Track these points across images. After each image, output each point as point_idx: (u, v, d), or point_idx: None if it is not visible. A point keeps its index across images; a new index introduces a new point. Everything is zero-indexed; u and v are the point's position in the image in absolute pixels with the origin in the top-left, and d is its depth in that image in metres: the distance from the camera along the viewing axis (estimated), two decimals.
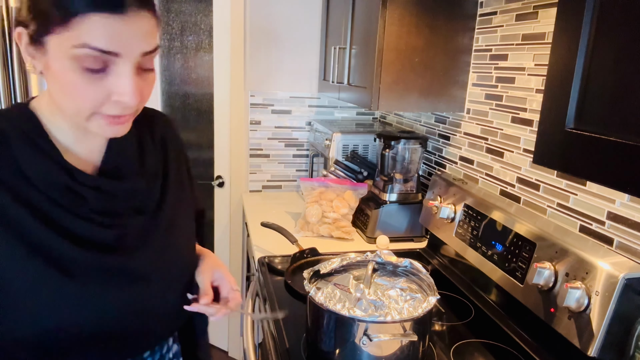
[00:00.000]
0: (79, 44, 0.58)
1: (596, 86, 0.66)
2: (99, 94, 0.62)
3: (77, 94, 0.61)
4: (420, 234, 1.74)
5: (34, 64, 0.64)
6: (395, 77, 1.49)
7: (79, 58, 0.59)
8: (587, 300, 0.93)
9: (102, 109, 0.63)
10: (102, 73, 0.61)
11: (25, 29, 0.63)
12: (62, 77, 0.61)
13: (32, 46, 0.63)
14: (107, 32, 0.58)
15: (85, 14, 0.57)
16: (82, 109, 0.63)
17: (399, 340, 0.92)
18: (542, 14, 1.23)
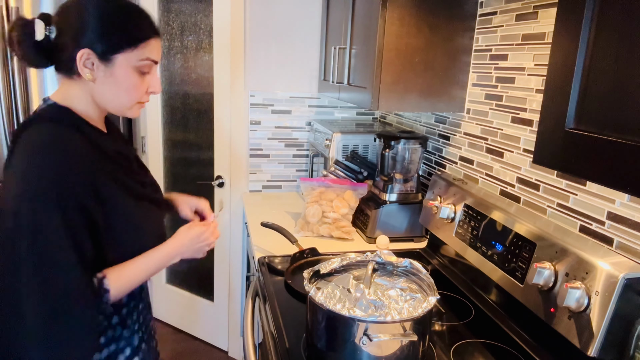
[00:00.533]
0: (144, 58, 0.92)
1: (596, 86, 0.66)
2: (143, 88, 0.96)
3: (134, 90, 0.94)
4: (420, 234, 1.74)
5: (92, 74, 0.89)
6: (395, 77, 1.49)
7: (141, 67, 0.93)
8: (587, 300, 0.93)
9: (142, 99, 0.97)
10: (147, 75, 0.95)
11: (91, 49, 0.87)
12: (125, 80, 0.92)
13: (99, 62, 0.89)
14: (157, 49, 0.95)
15: (150, 40, 0.93)
16: (132, 100, 0.95)
17: (399, 340, 0.92)
18: (542, 14, 1.23)
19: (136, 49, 0.90)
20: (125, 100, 0.94)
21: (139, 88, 0.94)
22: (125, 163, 0.99)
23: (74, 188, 0.83)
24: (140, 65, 0.92)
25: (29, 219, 0.79)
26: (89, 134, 0.91)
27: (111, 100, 0.94)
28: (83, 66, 0.88)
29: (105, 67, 0.89)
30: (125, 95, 0.93)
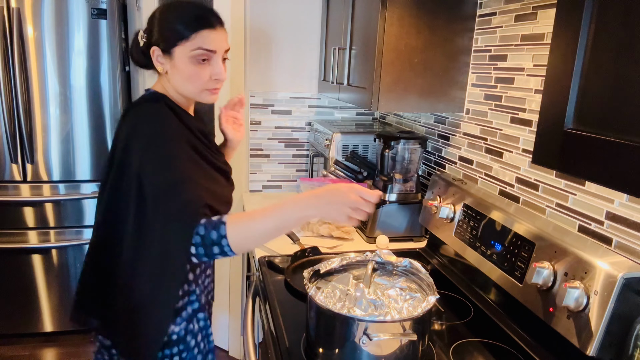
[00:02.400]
0: (196, 47, 1.02)
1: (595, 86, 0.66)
2: (205, 76, 1.06)
3: (195, 78, 1.05)
4: (420, 234, 1.74)
5: (163, 67, 1.06)
6: (395, 77, 1.49)
7: (196, 56, 1.03)
8: (586, 300, 0.93)
9: (207, 86, 1.08)
10: (206, 63, 1.05)
11: (157, 46, 1.05)
12: (185, 70, 1.04)
13: (163, 56, 1.05)
14: (209, 39, 1.04)
15: (199, 31, 1.02)
16: (197, 87, 1.07)
17: (399, 339, 0.92)
18: (541, 15, 1.23)
19: (188, 40, 1.02)
20: (191, 88, 1.07)
21: (199, 76, 1.05)
22: (206, 140, 1.14)
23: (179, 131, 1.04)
24: (195, 54, 1.03)
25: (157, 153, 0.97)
26: (179, 113, 1.08)
27: (181, 89, 1.08)
28: (156, 61, 1.06)
29: (169, 60, 1.05)
30: (189, 83, 1.06)
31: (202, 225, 0.92)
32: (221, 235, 0.91)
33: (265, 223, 0.94)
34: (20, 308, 2.49)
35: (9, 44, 2.17)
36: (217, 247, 0.92)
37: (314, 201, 0.95)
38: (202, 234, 0.91)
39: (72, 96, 2.30)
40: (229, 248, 0.92)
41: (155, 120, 1.02)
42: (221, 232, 0.91)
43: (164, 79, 1.10)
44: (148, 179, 0.96)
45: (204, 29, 1.03)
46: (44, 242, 2.43)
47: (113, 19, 2.27)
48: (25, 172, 2.34)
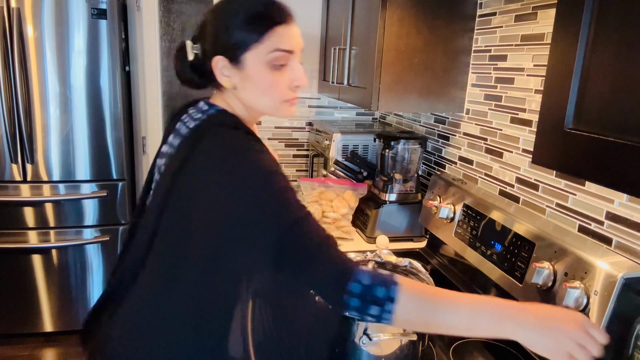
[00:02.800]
0: (272, 49, 0.84)
1: (595, 87, 0.66)
2: (284, 83, 0.87)
3: (273, 87, 0.86)
4: (420, 234, 1.74)
5: (230, 81, 0.87)
6: (395, 77, 1.49)
7: (272, 60, 0.84)
8: (586, 300, 0.93)
9: (287, 95, 0.88)
10: (284, 68, 0.86)
11: (223, 56, 0.85)
12: (260, 79, 0.86)
13: (231, 66, 0.86)
14: (286, 36, 0.85)
15: (273, 28, 0.83)
16: (276, 99, 0.88)
17: (399, 339, 0.92)
18: (541, 15, 1.23)
19: (261, 43, 0.83)
20: (268, 101, 0.89)
21: (277, 85, 0.87)
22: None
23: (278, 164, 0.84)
24: (271, 58, 0.84)
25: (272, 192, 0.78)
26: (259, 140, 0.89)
27: (256, 104, 0.90)
28: (221, 75, 0.87)
29: (239, 70, 0.86)
30: (266, 95, 0.88)
31: (365, 274, 0.73)
32: (390, 297, 0.72)
33: (453, 312, 0.73)
34: (20, 308, 2.49)
35: (9, 44, 2.17)
36: (377, 308, 0.72)
37: (531, 320, 0.71)
38: (366, 284, 0.73)
39: (72, 96, 2.30)
40: (390, 315, 0.72)
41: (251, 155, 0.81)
42: (391, 294, 0.72)
43: (229, 94, 0.91)
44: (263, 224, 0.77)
45: (277, 26, 0.84)
46: (44, 242, 2.43)
47: (113, 19, 2.27)
48: (25, 172, 2.34)
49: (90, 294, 2.56)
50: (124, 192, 2.49)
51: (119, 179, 2.47)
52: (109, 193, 2.45)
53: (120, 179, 2.47)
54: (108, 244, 2.52)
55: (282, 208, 0.77)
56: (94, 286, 2.56)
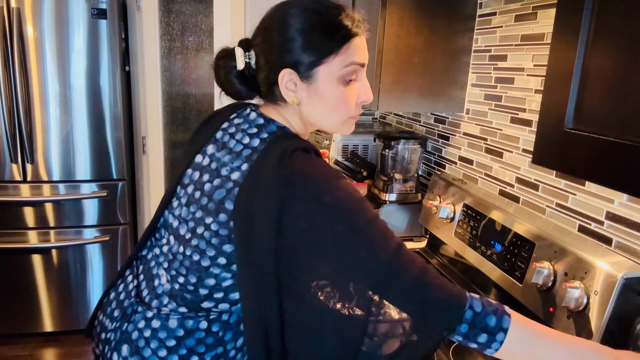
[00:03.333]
0: (348, 63, 0.78)
1: (595, 86, 0.66)
2: (352, 99, 0.82)
3: (343, 103, 0.81)
4: (420, 234, 1.74)
5: (296, 96, 0.80)
6: (395, 77, 1.49)
7: (345, 75, 0.79)
8: (586, 300, 0.93)
9: (353, 112, 0.84)
10: (353, 82, 0.82)
11: (292, 69, 0.78)
12: (330, 95, 0.80)
13: (301, 80, 0.79)
14: (361, 49, 0.81)
15: (350, 40, 0.78)
16: (344, 115, 0.83)
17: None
18: (541, 15, 1.23)
19: (337, 55, 0.78)
20: (335, 118, 0.83)
21: (348, 101, 0.81)
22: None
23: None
24: (345, 73, 0.79)
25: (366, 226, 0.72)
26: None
27: (320, 121, 0.84)
28: (286, 89, 0.80)
29: (308, 85, 0.79)
30: (334, 112, 0.82)
31: (477, 301, 0.73)
32: (501, 327, 0.71)
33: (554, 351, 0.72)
34: (20, 308, 2.49)
35: (9, 44, 2.17)
36: (487, 336, 0.71)
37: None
38: (477, 311, 0.71)
39: (72, 96, 2.30)
40: (499, 345, 0.71)
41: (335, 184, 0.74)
42: (503, 324, 0.71)
43: (289, 109, 0.84)
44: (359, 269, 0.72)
45: (355, 37, 0.79)
46: (44, 242, 2.43)
47: (113, 18, 2.27)
48: (25, 172, 2.34)
49: (90, 294, 2.56)
50: (124, 192, 2.50)
51: (119, 179, 2.47)
52: (109, 193, 2.45)
53: (120, 179, 2.47)
54: (108, 244, 2.52)
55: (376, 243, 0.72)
56: (94, 286, 2.56)
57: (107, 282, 2.58)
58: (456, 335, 0.73)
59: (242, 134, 0.82)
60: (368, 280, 0.73)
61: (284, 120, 0.84)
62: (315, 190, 0.72)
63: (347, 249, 0.72)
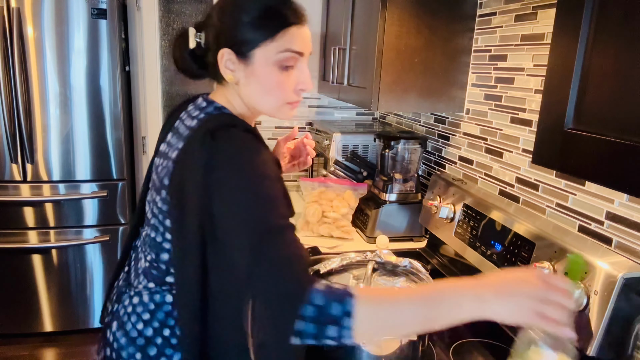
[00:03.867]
0: (283, 49, 0.83)
1: (595, 86, 0.66)
2: (290, 86, 0.86)
3: (278, 88, 0.85)
4: (420, 234, 1.74)
5: (234, 75, 0.85)
6: (395, 77, 1.49)
7: (281, 60, 0.83)
8: (586, 300, 0.93)
9: (290, 98, 0.87)
10: (292, 69, 0.85)
11: (229, 49, 0.83)
12: (266, 78, 0.84)
13: (238, 61, 0.84)
14: (299, 38, 0.84)
15: (287, 28, 0.82)
16: (280, 100, 0.87)
17: (399, 339, 0.92)
18: (541, 15, 1.23)
19: (273, 40, 0.82)
20: (271, 101, 0.87)
21: (283, 86, 0.85)
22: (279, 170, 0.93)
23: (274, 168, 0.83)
24: (281, 58, 0.83)
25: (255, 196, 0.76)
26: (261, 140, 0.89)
27: (257, 102, 0.88)
28: (224, 68, 0.85)
29: (245, 65, 0.84)
30: (270, 95, 0.86)
31: (319, 293, 0.67)
32: (346, 312, 0.66)
33: (413, 308, 0.67)
34: (20, 308, 2.49)
35: (9, 44, 2.17)
36: (336, 327, 0.66)
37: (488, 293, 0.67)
38: (319, 305, 0.66)
39: (72, 96, 2.30)
40: (350, 332, 0.66)
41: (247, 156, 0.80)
42: (347, 307, 0.66)
43: (230, 91, 0.89)
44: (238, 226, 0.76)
45: (292, 26, 0.83)
46: (44, 242, 2.43)
47: (113, 18, 2.27)
48: (25, 172, 2.34)
49: (90, 294, 2.56)
50: (124, 192, 2.50)
51: (119, 179, 2.47)
52: (109, 193, 2.45)
53: (120, 178, 2.47)
54: (108, 244, 2.52)
55: (263, 213, 0.75)
56: (94, 286, 2.56)
57: (107, 282, 2.57)
58: (305, 339, 0.67)
59: (189, 118, 0.88)
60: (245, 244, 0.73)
61: (227, 102, 0.90)
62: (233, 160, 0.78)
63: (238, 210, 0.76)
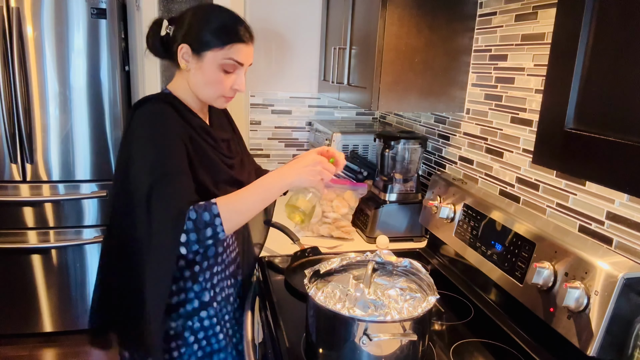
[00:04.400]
0: (228, 57, 1.07)
1: (595, 86, 0.66)
2: (226, 84, 1.10)
3: (217, 84, 1.09)
4: (420, 234, 1.74)
5: (187, 65, 1.08)
6: (395, 77, 1.49)
7: (225, 65, 1.07)
8: (587, 300, 0.93)
9: (226, 93, 1.12)
10: (231, 74, 1.10)
11: (188, 45, 1.07)
12: (210, 75, 1.08)
13: (193, 55, 1.07)
14: (243, 52, 1.09)
15: (234, 44, 1.07)
16: (216, 93, 1.11)
17: (399, 339, 0.92)
18: (542, 14, 1.23)
19: (222, 49, 1.06)
20: (209, 92, 1.11)
21: (221, 83, 1.09)
22: (210, 139, 1.15)
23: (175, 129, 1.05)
24: (224, 63, 1.07)
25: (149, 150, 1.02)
26: (180, 110, 1.10)
27: (198, 90, 1.11)
28: (181, 57, 1.08)
29: (197, 61, 1.07)
30: (209, 87, 1.10)
31: (192, 210, 0.98)
32: (214, 215, 0.98)
33: (253, 196, 1.05)
34: (20, 308, 2.49)
35: (8, 44, 2.16)
36: (210, 228, 0.98)
37: (288, 169, 1.09)
38: (193, 218, 0.97)
39: (71, 96, 2.30)
40: (222, 228, 0.99)
41: (157, 119, 1.06)
42: (213, 211, 0.98)
43: (182, 76, 1.13)
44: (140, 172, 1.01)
45: (239, 43, 1.07)
46: (44, 242, 2.43)
47: (113, 18, 2.27)
48: (24, 172, 2.34)
49: (90, 294, 2.56)
50: None
51: None
52: (109, 193, 2.45)
53: None
54: None
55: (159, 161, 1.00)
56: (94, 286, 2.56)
57: None
58: (192, 245, 0.99)
59: None
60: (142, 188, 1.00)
61: (176, 87, 1.14)
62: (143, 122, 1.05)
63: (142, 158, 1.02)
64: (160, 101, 1.08)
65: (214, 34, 1.06)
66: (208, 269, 1.17)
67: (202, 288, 1.15)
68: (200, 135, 1.12)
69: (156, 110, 1.06)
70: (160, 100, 1.09)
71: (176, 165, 1.02)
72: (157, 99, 1.10)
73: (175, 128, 1.06)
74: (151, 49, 1.15)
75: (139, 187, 1.00)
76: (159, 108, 1.07)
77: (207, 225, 0.98)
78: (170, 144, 1.03)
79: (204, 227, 0.98)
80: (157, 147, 1.02)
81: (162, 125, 1.04)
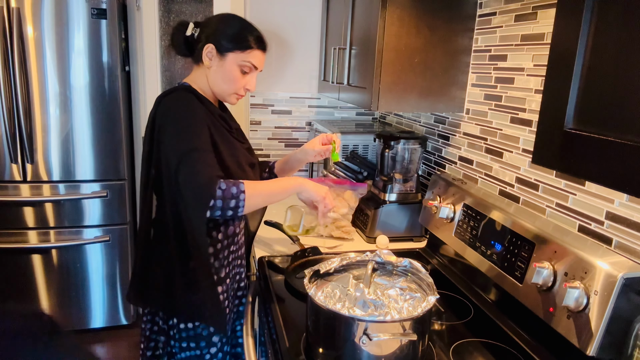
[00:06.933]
0: (247, 61, 1.25)
1: (595, 86, 0.66)
2: (241, 84, 1.28)
3: (234, 83, 1.27)
4: (420, 234, 1.74)
5: (210, 62, 1.25)
6: (395, 77, 1.49)
7: (243, 66, 1.25)
8: (586, 300, 0.93)
9: (239, 91, 1.29)
10: (247, 75, 1.28)
11: (214, 45, 1.23)
12: (229, 73, 1.25)
13: (217, 55, 1.24)
14: (258, 58, 1.28)
15: (254, 50, 1.26)
16: (230, 90, 1.28)
17: (399, 339, 0.92)
18: (541, 15, 1.23)
19: (243, 53, 1.24)
20: (225, 88, 1.27)
21: (237, 82, 1.26)
22: (227, 125, 1.30)
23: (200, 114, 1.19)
24: (243, 65, 1.25)
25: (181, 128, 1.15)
26: (202, 99, 1.24)
27: (216, 85, 1.27)
28: (205, 56, 1.24)
29: (220, 60, 1.24)
30: (227, 84, 1.26)
31: (222, 182, 1.12)
32: (241, 190, 1.13)
33: (274, 184, 1.26)
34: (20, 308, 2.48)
35: (9, 44, 2.17)
36: (235, 200, 1.12)
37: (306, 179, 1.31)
38: (223, 188, 1.11)
39: (72, 96, 2.30)
40: (244, 203, 1.13)
41: (184, 104, 1.20)
42: (241, 188, 1.13)
43: (201, 72, 1.28)
44: (171, 149, 1.14)
45: (258, 50, 1.26)
46: (44, 242, 2.43)
47: (113, 19, 2.27)
48: (25, 172, 2.34)
49: (90, 294, 2.56)
50: (124, 192, 2.50)
51: (119, 179, 2.47)
52: (109, 193, 2.45)
53: (120, 178, 2.47)
54: (108, 244, 2.52)
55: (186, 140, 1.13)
56: (94, 286, 2.56)
57: (107, 282, 2.58)
58: (215, 212, 1.11)
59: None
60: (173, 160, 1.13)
61: (194, 80, 1.29)
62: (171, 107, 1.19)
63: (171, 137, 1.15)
64: (185, 90, 1.22)
65: (238, 39, 1.23)
66: (227, 247, 1.30)
67: (220, 265, 1.28)
68: (219, 121, 1.26)
69: (183, 97, 1.20)
70: (185, 89, 1.23)
71: (203, 142, 1.15)
72: (182, 89, 1.22)
73: (201, 113, 1.19)
74: (174, 46, 1.30)
75: (170, 161, 1.13)
76: (185, 96, 1.21)
77: (233, 197, 1.12)
78: (197, 124, 1.17)
79: (230, 198, 1.11)
80: (185, 127, 1.15)
81: (188, 109, 1.18)
